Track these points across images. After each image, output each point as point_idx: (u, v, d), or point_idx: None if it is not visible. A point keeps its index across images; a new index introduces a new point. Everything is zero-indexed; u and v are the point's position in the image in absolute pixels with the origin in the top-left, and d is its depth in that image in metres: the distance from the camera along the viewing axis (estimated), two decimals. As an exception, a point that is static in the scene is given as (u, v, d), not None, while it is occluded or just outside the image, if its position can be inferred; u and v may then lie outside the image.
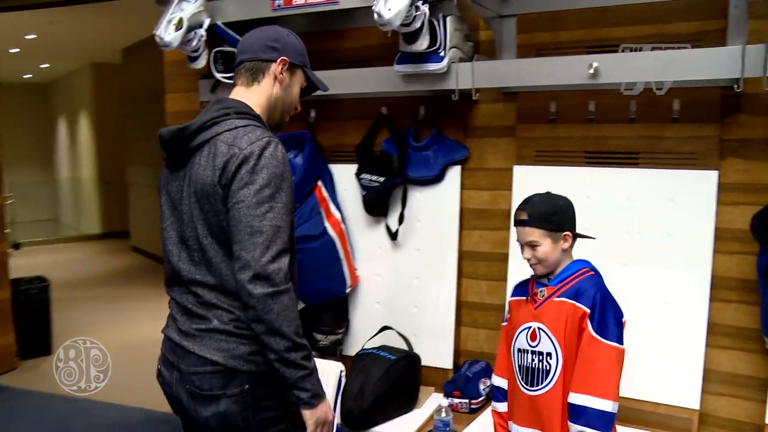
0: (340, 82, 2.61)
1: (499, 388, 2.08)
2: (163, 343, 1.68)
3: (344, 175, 2.88)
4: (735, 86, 1.96)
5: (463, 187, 2.71)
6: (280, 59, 1.67)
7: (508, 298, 2.54)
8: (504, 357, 2.06)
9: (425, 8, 2.17)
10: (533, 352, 1.93)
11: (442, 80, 2.37)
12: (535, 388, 1.91)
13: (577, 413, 1.81)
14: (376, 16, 2.08)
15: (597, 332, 1.81)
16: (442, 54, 2.31)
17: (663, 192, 2.29)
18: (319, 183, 2.78)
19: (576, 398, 1.81)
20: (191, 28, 2.54)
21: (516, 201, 2.58)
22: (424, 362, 2.72)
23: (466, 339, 2.79)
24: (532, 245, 1.89)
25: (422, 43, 2.25)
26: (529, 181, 2.53)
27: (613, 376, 1.81)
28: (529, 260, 1.92)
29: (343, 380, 2.26)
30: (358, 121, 2.87)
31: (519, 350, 1.97)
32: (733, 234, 2.22)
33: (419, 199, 2.75)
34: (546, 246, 1.88)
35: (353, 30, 2.87)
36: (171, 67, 3.16)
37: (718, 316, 2.25)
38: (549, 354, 1.89)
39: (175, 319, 1.65)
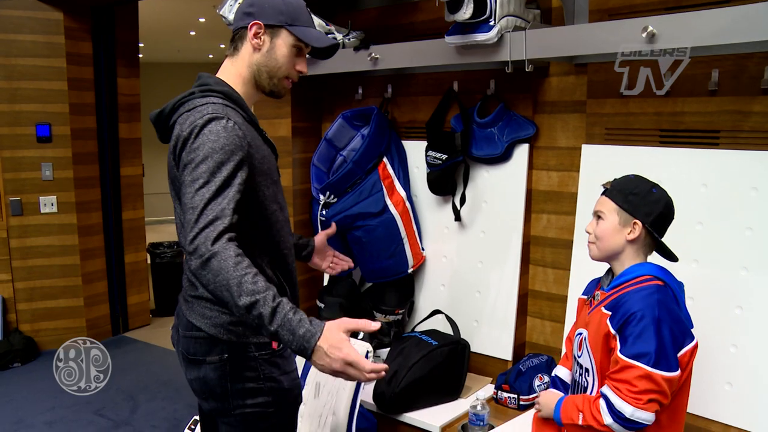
0: (400, 55, 2.53)
1: (557, 377, 1.91)
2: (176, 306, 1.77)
3: (416, 152, 2.80)
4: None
5: (531, 167, 2.51)
6: (251, 23, 1.59)
7: (571, 289, 2.37)
8: (569, 351, 1.89)
9: (466, -27, 2.02)
10: (578, 363, 1.75)
11: (495, 51, 2.19)
12: None
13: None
14: (404, -16, 1.97)
15: (626, 354, 1.53)
16: (492, 23, 2.14)
17: (745, 178, 1.94)
18: (385, 159, 2.72)
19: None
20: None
21: (584, 183, 2.35)
22: (484, 351, 2.60)
23: (532, 330, 2.60)
24: (599, 216, 1.68)
25: (465, 12, 2.09)
26: (598, 161, 2.29)
27: (641, 389, 1.50)
28: (589, 235, 1.72)
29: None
30: (431, 96, 2.76)
31: (574, 356, 1.79)
32: (830, 231, 1.83)
33: (486, 178, 2.59)
34: (609, 223, 1.64)
35: (426, 2, 2.75)
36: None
37: (808, 329, 1.88)
38: (587, 370, 1.69)
39: (182, 284, 1.72)
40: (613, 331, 1.57)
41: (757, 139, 1.93)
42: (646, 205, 1.62)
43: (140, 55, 4.65)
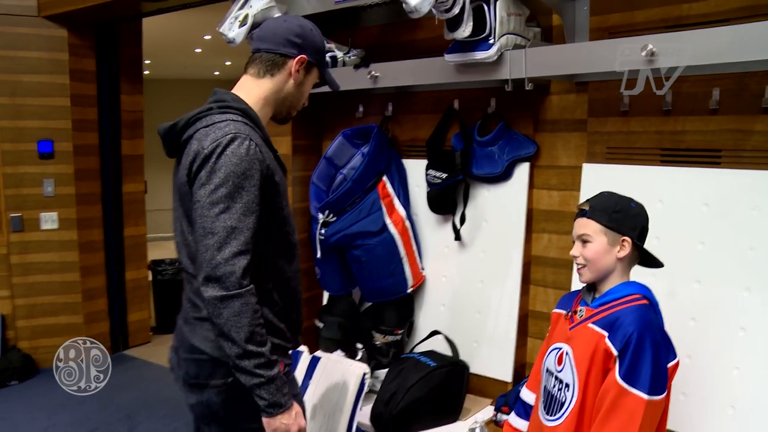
0: (400, 73, 2.53)
1: (524, 403, 1.89)
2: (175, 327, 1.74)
3: (417, 171, 2.78)
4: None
5: (532, 186, 2.49)
6: (299, 57, 1.61)
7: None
8: (537, 371, 1.85)
9: (465, -8, 2.02)
10: (556, 378, 1.70)
11: (495, 69, 2.19)
12: (550, 418, 1.69)
13: None
14: (403, 4, 1.97)
15: (624, 378, 1.52)
16: (491, 41, 2.13)
17: (747, 197, 1.92)
18: (384, 178, 2.71)
19: None
20: (258, 24, 2.59)
21: (584, 203, 2.32)
22: (483, 372, 2.56)
23: (533, 351, 2.57)
24: (584, 240, 1.64)
25: (464, 30, 2.09)
26: (598, 181, 2.26)
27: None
28: (576, 260, 1.68)
29: (367, 382, 2.18)
30: (432, 114, 2.75)
31: (547, 370, 1.75)
32: (834, 252, 1.80)
33: (486, 197, 2.57)
34: (598, 245, 1.62)
35: (427, 20, 2.74)
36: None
37: (813, 352, 1.84)
38: (567, 385, 1.65)
39: (182, 305, 1.69)
40: (615, 352, 1.55)
41: (758, 158, 1.92)
42: (631, 220, 1.61)
43: (146, 72, 4.68)
